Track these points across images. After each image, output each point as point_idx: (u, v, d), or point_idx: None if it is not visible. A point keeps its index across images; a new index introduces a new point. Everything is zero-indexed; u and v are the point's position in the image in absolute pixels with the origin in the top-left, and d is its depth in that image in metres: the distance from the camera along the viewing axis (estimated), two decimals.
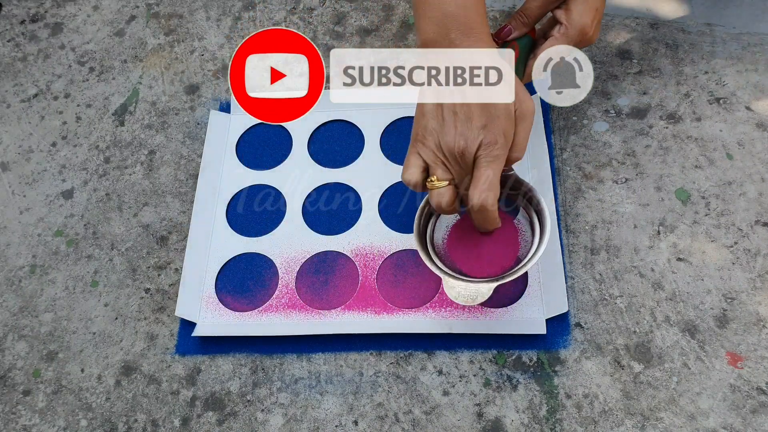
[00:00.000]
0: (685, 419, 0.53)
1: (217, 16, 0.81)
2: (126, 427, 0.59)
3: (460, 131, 0.47)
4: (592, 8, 0.53)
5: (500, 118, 0.47)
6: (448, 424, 0.55)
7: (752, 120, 0.64)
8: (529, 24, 0.56)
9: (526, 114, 0.48)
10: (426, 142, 0.48)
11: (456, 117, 0.47)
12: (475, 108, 0.46)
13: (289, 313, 0.61)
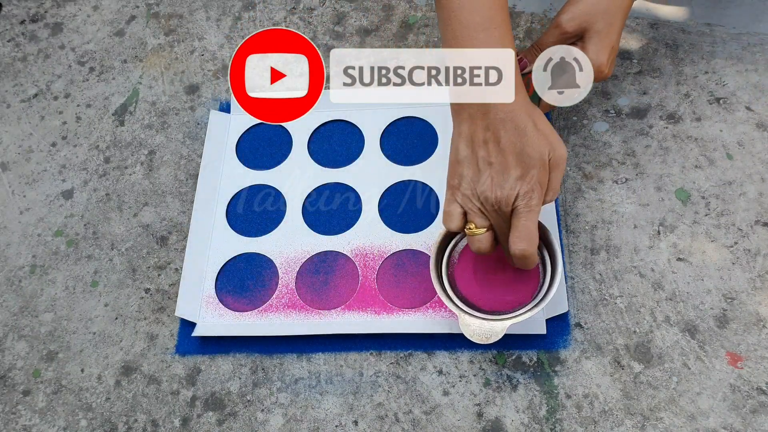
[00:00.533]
0: (685, 419, 0.53)
1: (217, 16, 0.81)
2: (126, 427, 0.59)
3: (497, 182, 0.47)
4: (607, 46, 0.53)
5: (536, 169, 0.47)
6: (448, 424, 0.55)
7: (752, 120, 0.64)
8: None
9: (559, 161, 0.49)
10: (463, 190, 0.49)
11: (491, 167, 0.48)
12: (511, 159, 0.47)
13: (289, 313, 0.61)
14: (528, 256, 0.49)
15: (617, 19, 0.53)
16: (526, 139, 0.47)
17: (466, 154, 0.49)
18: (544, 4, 0.73)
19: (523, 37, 0.72)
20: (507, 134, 0.47)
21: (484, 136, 0.48)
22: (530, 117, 0.48)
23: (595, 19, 0.53)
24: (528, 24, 0.72)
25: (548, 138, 0.48)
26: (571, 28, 0.54)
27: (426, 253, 0.61)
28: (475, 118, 0.48)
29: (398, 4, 0.77)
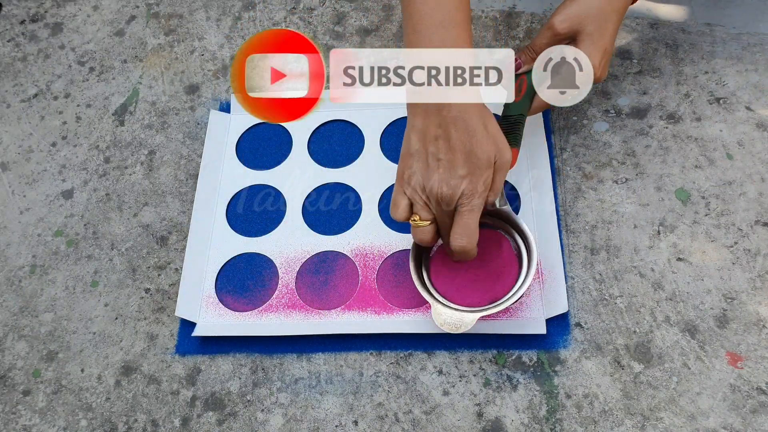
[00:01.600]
0: (685, 419, 0.53)
1: (217, 16, 0.81)
2: (126, 427, 0.59)
3: (443, 178, 0.49)
4: (600, 49, 0.54)
5: (481, 170, 0.49)
6: (448, 424, 0.55)
7: (752, 120, 0.64)
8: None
9: (504, 164, 0.51)
10: (411, 182, 0.51)
11: (440, 164, 0.49)
12: (459, 157, 0.49)
13: (289, 313, 0.61)
14: (467, 252, 0.52)
15: (610, 22, 0.53)
16: (475, 140, 0.48)
17: (418, 148, 0.50)
18: (544, 4, 0.73)
19: (523, 37, 0.72)
20: (457, 133, 0.48)
21: (435, 132, 0.49)
22: (481, 119, 0.49)
23: (587, 21, 0.53)
24: (528, 24, 0.72)
25: (496, 141, 0.50)
26: (563, 30, 0.54)
27: None
28: (430, 114, 0.49)
29: (398, 4, 0.77)
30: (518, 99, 0.57)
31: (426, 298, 0.55)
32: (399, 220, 0.52)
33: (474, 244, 0.51)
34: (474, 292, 0.56)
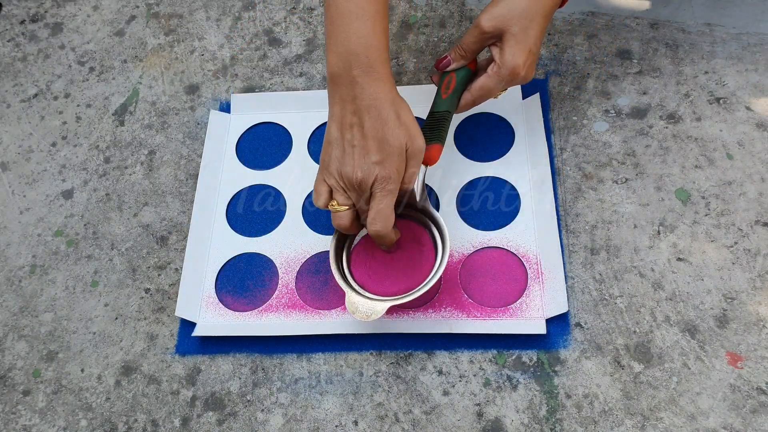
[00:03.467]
0: (685, 419, 0.53)
1: (217, 16, 0.81)
2: (126, 427, 0.59)
3: (358, 164, 0.51)
4: (524, 49, 0.54)
5: (393, 156, 0.50)
6: (448, 424, 0.55)
7: (752, 120, 0.64)
8: (466, 57, 0.57)
9: (416, 152, 0.52)
10: (330, 169, 0.52)
11: (354, 150, 0.51)
12: (372, 144, 0.50)
13: (289, 313, 0.61)
14: (382, 236, 0.53)
15: (535, 23, 0.54)
16: (388, 127, 0.50)
17: (336, 136, 0.52)
18: None
19: None
20: (371, 121, 0.50)
21: (351, 120, 0.51)
22: (394, 108, 0.51)
23: (512, 21, 0.54)
24: None
25: (408, 129, 0.51)
26: (489, 29, 0.55)
27: None
28: (345, 103, 0.51)
29: (398, 4, 0.77)
30: (446, 96, 0.58)
31: (341, 285, 0.56)
32: (320, 207, 0.54)
33: (388, 229, 0.52)
34: (391, 282, 0.57)
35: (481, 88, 0.57)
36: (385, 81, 0.51)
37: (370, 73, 0.50)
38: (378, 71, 0.51)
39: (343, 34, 0.51)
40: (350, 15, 0.51)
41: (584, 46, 0.70)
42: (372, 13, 0.51)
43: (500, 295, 0.59)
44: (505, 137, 0.66)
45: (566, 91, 0.68)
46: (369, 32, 0.51)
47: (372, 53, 0.50)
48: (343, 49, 0.51)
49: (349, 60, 0.50)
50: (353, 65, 0.50)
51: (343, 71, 0.51)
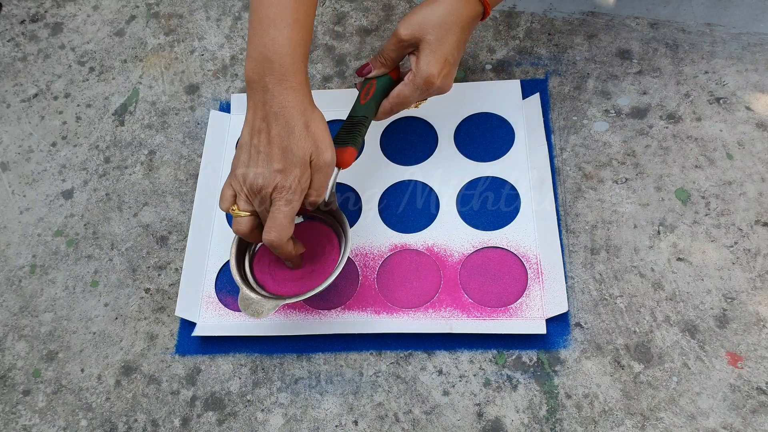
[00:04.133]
0: (685, 419, 0.53)
1: (217, 16, 0.81)
2: (126, 427, 0.59)
3: (260, 171, 0.50)
4: (440, 59, 0.54)
5: (296, 167, 0.50)
6: (448, 424, 0.55)
7: (752, 120, 0.64)
8: (386, 65, 0.58)
9: (322, 166, 0.51)
10: (236, 173, 0.52)
11: (259, 156, 0.51)
12: (276, 152, 0.50)
13: (289, 313, 0.61)
14: (276, 247, 0.52)
15: (451, 34, 0.54)
16: (293, 137, 0.50)
17: (246, 141, 0.52)
18: (544, 5, 0.73)
19: (524, 37, 0.72)
20: (277, 128, 0.50)
21: (260, 125, 0.51)
22: (303, 117, 0.50)
23: (428, 30, 0.54)
24: (528, 24, 0.72)
25: (316, 141, 0.51)
26: (406, 37, 0.55)
27: (425, 253, 0.61)
28: (257, 108, 0.51)
29: (398, 4, 0.77)
30: (364, 102, 0.58)
31: (237, 281, 0.56)
32: (222, 209, 0.53)
33: (282, 240, 0.51)
34: (292, 283, 0.58)
35: (398, 96, 0.57)
36: (297, 90, 0.50)
37: (282, 81, 0.50)
38: (290, 80, 0.50)
39: (260, 41, 0.50)
40: (268, 22, 0.50)
41: (584, 46, 0.70)
42: (290, 22, 0.50)
43: (500, 295, 0.59)
44: (505, 137, 0.66)
45: (566, 91, 0.68)
46: (285, 40, 0.50)
47: (286, 61, 0.50)
48: (259, 55, 0.50)
49: (263, 66, 0.50)
50: (266, 72, 0.50)
51: (257, 77, 0.50)
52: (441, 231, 0.62)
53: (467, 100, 0.68)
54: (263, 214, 0.52)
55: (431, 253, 0.61)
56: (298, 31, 0.51)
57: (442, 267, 0.61)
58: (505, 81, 0.69)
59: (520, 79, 0.69)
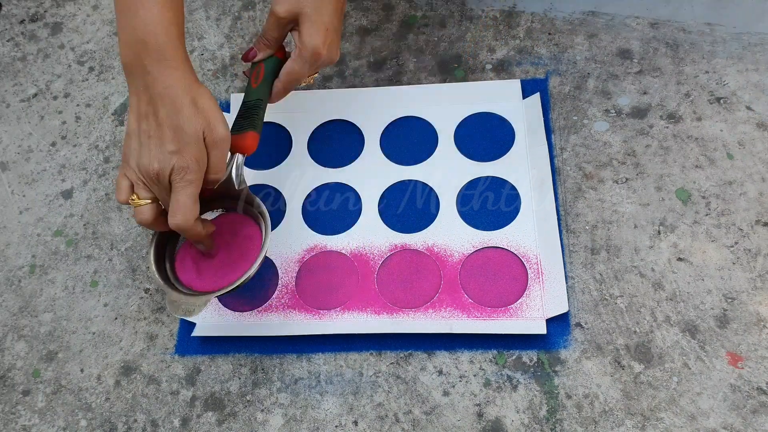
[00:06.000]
0: (685, 419, 0.53)
1: (217, 15, 0.80)
2: (126, 427, 0.59)
3: (154, 155, 0.49)
4: (321, 29, 0.54)
5: (190, 145, 0.49)
6: (448, 424, 0.55)
7: (753, 120, 0.64)
8: (271, 46, 0.57)
9: (217, 141, 0.50)
10: (129, 162, 0.50)
11: (150, 140, 0.49)
12: (167, 133, 0.49)
13: (289, 313, 0.61)
14: (185, 229, 0.50)
15: (327, 2, 0.54)
16: (182, 115, 0.48)
17: (134, 128, 0.50)
18: (545, 4, 0.73)
19: (524, 37, 0.71)
20: (164, 109, 0.49)
21: (146, 110, 0.49)
22: (189, 94, 0.49)
23: (303, 4, 0.54)
24: (528, 23, 0.72)
25: (207, 116, 0.49)
26: (283, 14, 0.54)
27: (425, 253, 0.61)
28: (140, 93, 0.50)
29: (398, 4, 0.77)
30: (256, 85, 0.58)
31: (161, 285, 0.55)
32: (121, 202, 0.52)
33: (190, 222, 0.50)
34: (218, 277, 0.56)
35: (289, 74, 0.57)
36: (179, 68, 0.49)
37: (161, 62, 0.48)
38: (169, 58, 0.49)
39: (130, 24, 0.49)
40: (136, 3, 0.48)
41: (584, 46, 0.70)
42: (159, 0, 0.49)
43: (500, 295, 0.59)
44: (505, 137, 0.66)
45: (566, 91, 0.68)
46: (157, 20, 0.49)
47: (161, 40, 0.48)
48: (132, 39, 0.49)
49: (139, 49, 0.48)
50: (143, 55, 0.48)
51: (135, 61, 0.49)
52: (441, 231, 0.62)
53: (467, 100, 0.68)
54: (164, 199, 0.51)
55: (431, 253, 0.61)
56: (169, 9, 0.49)
57: (442, 267, 0.61)
58: (505, 81, 0.69)
59: (521, 78, 0.69)
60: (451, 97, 0.69)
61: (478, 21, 0.73)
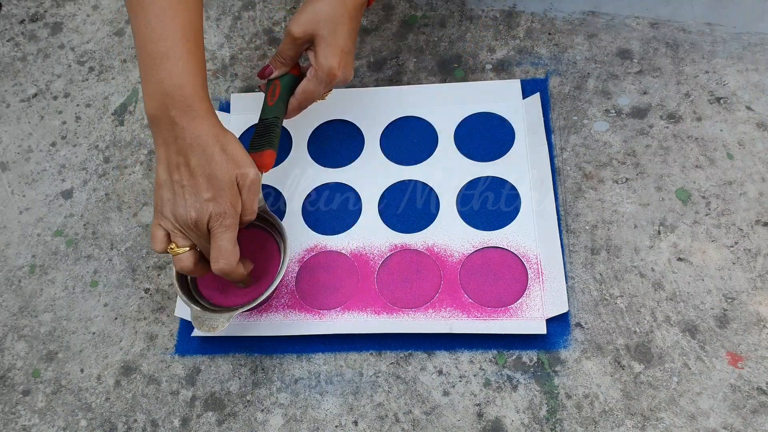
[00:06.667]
0: (685, 419, 0.53)
1: (217, 15, 0.80)
2: (126, 427, 0.59)
3: (190, 204, 0.50)
4: (337, 51, 0.56)
5: (225, 191, 0.50)
6: (448, 424, 0.55)
7: (753, 120, 0.64)
8: (286, 63, 0.59)
9: (250, 185, 0.52)
10: (164, 212, 0.51)
11: (185, 190, 0.50)
12: (201, 182, 0.50)
13: (289, 313, 0.61)
14: (228, 273, 0.52)
15: (342, 24, 0.56)
16: (214, 163, 0.50)
17: (165, 178, 0.51)
18: (545, 4, 0.73)
19: (524, 37, 0.71)
20: (196, 158, 0.50)
21: (176, 160, 0.50)
22: (218, 142, 0.50)
23: (319, 25, 0.56)
24: (528, 23, 0.72)
25: (237, 162, 0.51)
26: (299, 35, 0.56)
27: (425, 253, 0.61)
28: (169, 144, 0.50)
29: (398, 4, 0.77)
30: (272, 103, 0.59)
31: (184, 301, 0.56)
32: (158, 251, 0.52)
33: (233, 265, 0.51)
34: (238, 293, 0.58)
35: (304, 92, 0.59)
36: (205, 117, 0.50)
37: (188, 113, 0.49)
38: (196, 109, 0.50)
39: (155, 77, 0.50)
40: (160, 56, 0.49)
41: (584, 46, 0.70)
42: (183, 53, 0.50)
43: (500, 295, 0.59)
44: (505, 137, 0.66)
45: (566, 91, 0.68)
46: (181, 72, 0.50)
47: (187, 92, 0.49)
48: (157, 92, 0.50)
49: (165, 102, 0.49)
50: (170, 107, 0.49)
51: (161, 113, 0.50)
52: (441, 231, 0.62)
53: (467, 100, 0.68)
54: (203, 246, 0.52)
55: (431, 253, 0.61)
56: (192, 61, 0.50)
57: (442, 267, 0.61)
58: (505, 81, 0.69)
59: (521, 78, 0.69)
60: (451, 97, 0.69)
61: (478, 21, 0.73)
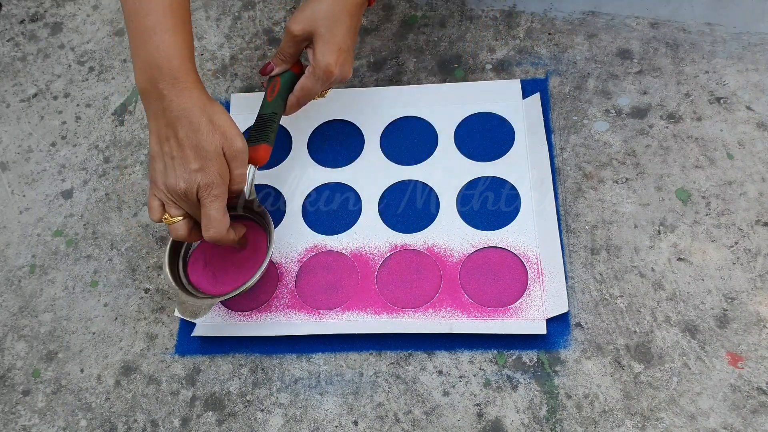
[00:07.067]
0: (685, 419, 0.53)
1: (217, 15, 0.80)
2: (126, 427, 0.59)
3: (179, 174, 0.52)
4: (334, 49, 0.57)
5: (212, 161, 0.52)
6: (448, 424, 0.55)
7: (753, 120, 0.64)
8: (287, 61, 0.61)
9: (236, 154, 0.53)
10: (157, 183, 0.53)
11: (174, 161, 0.52)
12: (189, 153, 0.51)
13: (289, 313, 0.61)
14: (219, 240, 0.54)
15: (341, 22, 0.57)
16: (200, 134, 0.51)
17: (157, 150, 0.53)
18: (545, 4, 0.73)
19: (524, 37, 0.71)
20: (183, 130, 0.51)
21: (166, 132, 0.52)
22: (205, 114, 0.52)
23: (318, 23, 0.57)
24: (528, 23, 0.72)
25: (224, 132, 0.52)
26: (298, 33, 0.57)
27: (425, 252, 0.61)
28: (158, 117, 0.52)
29: (398, 4, 0.77)
30: (271, 99, 0.60)
31: (172, 286, 0.58)
32: (154, 221, 0.55)
33: (223, 232, 0.53)
34: (228, 282, 0.59)
35: (302, 89, 0.60)
36: (192, 89, 0.52)
37: (176, 85, 0.51)
38: (183, 81, 0.51)
39: (144, 51, 0.51)
40: (148, 31, 0.51)
41: (584, 46, 0.70)
42: (170, 27, 0.52)
43: (500, 295, 0.59)
44: (505, 137, 0.66)
45: (566, 91, 0.68)
46: (169, 45, 0.51)
47: (174, 65, 0.51)
48: (146, 65, 0.51)
49: (153, 74, 0.51)
50: (158, 79, 0.51)
51: (150, 86, 0.51)
52: (441, 231, 0.62)
53: (467, 100, 0.68)
54: (195, 214, 0.54)
55: (431, 253, 0.61)
56: (180, 34, 0.52)
57: (442, 267, 0.61)
58: (505, 81, 0.69)
59: (521, 78, 0.69)
60: (451, 97, 0.69)
61: (478, 21, 0.73)
